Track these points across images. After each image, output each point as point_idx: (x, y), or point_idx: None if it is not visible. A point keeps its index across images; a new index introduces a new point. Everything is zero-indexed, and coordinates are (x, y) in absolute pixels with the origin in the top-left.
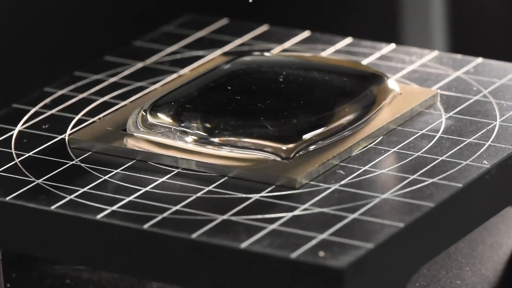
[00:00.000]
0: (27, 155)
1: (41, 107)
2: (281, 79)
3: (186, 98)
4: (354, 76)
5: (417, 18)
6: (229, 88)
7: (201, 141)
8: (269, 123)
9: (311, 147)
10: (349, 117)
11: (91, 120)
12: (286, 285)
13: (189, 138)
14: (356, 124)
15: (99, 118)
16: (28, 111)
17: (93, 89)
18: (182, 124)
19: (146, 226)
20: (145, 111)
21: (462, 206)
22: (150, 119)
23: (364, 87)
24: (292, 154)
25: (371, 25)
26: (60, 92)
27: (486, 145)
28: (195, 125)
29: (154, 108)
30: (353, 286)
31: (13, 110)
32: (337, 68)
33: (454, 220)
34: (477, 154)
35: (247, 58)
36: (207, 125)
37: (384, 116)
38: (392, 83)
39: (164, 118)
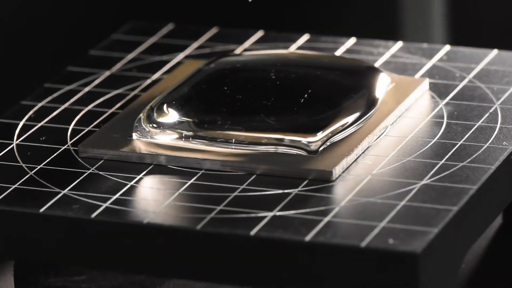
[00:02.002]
0: (39, 167)
1: (27, 120)
2: (273, 77)
3: (192, 100)
4: (350, 70)
5: (416, 13)
6: (229, 87)
7: (221, 140)
8: (287, 118)
9: (330, 141)
10: (359, 109)
11: (87, 129)
12: (356, 274)
13: (208, 139)
14: (367, 116)
15: (99, 127)
16: (16, 124)
17: (72, 99)
18: (204, 126)
19: (199, 226)
20: (152, 116)
21: (495, 185)
22: (162, 123)
23: (364, 79)
24: (318, 147)
25: (371, 22)
26: (40, 104)
27: (497, 127)
28: (213, 125)
29: (162, 113)
30: (425, 270)
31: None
32: (328, 63)
33: (491, 199)
34: (493, 136)
35: (230, 58)
36: (226, 124)
37: (387, 106)
38: (384, 74)
39: (177, 121)
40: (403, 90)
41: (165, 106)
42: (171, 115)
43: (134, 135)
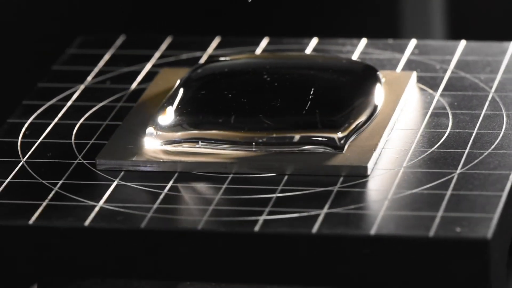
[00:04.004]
0: (60, 182)
1: (24, 138)
2: (268, 79)
3: (201, 105)
4: (342, 67)
5: (416, 9)
6: (231, 90)
7: (241, 143)
8: (306, 117)
9: (353, 137)
10: (370, 106)
11: (91, 141)
12: (424, 264)
13: (228, 142)
14: (377, 111)
15: (102, 139)
16: (14, 142)
17: (60, 114)
18: (222, 129)
19: (256, 228)
20: (164, 123)
21: None
22: (176, 130)
23: (362, 76)
24: (345, 144)
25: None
26: (28, 121)
27: (504, 114)
28: (231, 128)
29: (175, 120)
30: (493, 255)
31: None
32: (320, 63)
33: None
34: (505, 123)
35: (218, 64)
36: (245, 126)
37: (389, 100)
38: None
39: (192, 126)
40: (397, 84)
41: (175, 113)
42: (185, 121)
43: (148, 144)
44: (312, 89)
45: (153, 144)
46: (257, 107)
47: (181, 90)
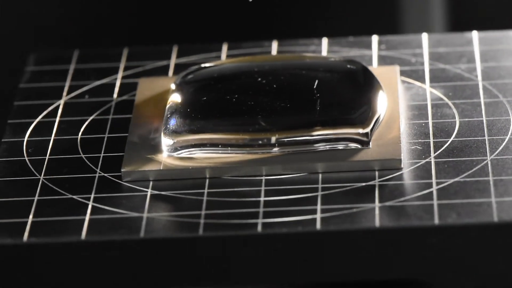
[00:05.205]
0: (92, 196)
1: (29, 156)
2: (264, 81)
3: (213, 111)
4: (332, 65)
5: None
6: (231, 93)
7: (267, 144)
8: (329, 116)
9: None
10: (379, 100)
11: (101, 155)
12: (491, 250)
13: (250, 145)
14: (381, 105)
15: (111, 151)
16: (22, 161)
17: (54, 131)
18: (240, 132)
19: (318, 227)
20: (179, 130)
21: None
22: (198, 135)
23: (362, 72)
24: (370, 139)
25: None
26: (25, 139)
27: (504, 101)
28: (249, 130)
29: (191, 126)
30: None
31: (2, 163)
32: (316, 62)
33: None
34: (510, 109)
35: (205, 70)
36: (267, 127)
37: (389, 95)
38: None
39: (213, 132)
40: (386, 79)
41: (188, 120)
42: (203, 126)
43: (168, 153)
44: (316, 88)
45: (173, 152)
46: (268, 109)
47: (185, 97)
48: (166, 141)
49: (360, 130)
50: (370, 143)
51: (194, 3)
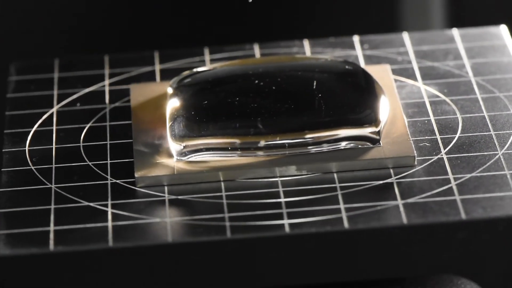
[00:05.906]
0: (109, 203)
1: (34, 165)
2: (261, 83)
3: (220, 114)
4: (326, 66)
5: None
6: (231, 95)
7: (273, 146)
8: (337, 115)
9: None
10: (382, 99)
11: (109, 161)
12: None
13: (260, 147)
14: (384, 103)
15: (117, 158)
16: (29, 170)
17: (53, 139)
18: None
19: (346, 225)
20: (189, 134)
21: None
22: (207, 139)
23: (359, 72)
24: (380, 137)
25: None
26: (27, 149)
27: (502, 96)
28: (266, 132)
29: (200, 130)
30: None
31: (5, 173)
32: (306, 64)
33: None
34: (509, 104)
35: (200, 74)
36: (276, 128)
37: (387, 93)
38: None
39: (224, 136)
40: (380, 77)
41: (195, 124)
42: (209, 131)
43: (178, 157)
44: (316, 89)
45: (183, 156)
46: (273, 111)
47: (186, 101)
48: (175, 146)
49: (372, 129)
50: (380, 141)
51: (173, 8)
